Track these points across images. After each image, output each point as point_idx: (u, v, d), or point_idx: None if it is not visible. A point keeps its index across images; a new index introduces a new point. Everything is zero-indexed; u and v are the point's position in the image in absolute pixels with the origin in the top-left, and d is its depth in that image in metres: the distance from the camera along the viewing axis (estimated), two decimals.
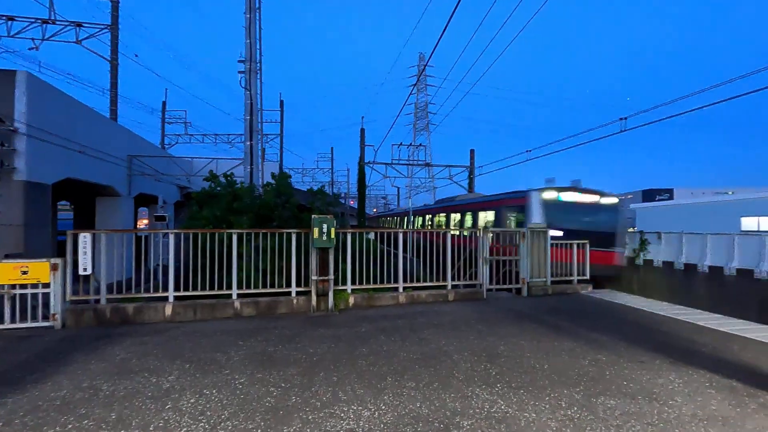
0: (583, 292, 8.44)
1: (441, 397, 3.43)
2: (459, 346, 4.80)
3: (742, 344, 4.94)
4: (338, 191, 58.85)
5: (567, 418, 3.06)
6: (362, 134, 26.72)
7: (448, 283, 7.68)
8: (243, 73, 12.01)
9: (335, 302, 6.73)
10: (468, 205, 18.66)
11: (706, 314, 6.54)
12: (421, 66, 58.63)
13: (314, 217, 6.53)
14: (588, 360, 4.35)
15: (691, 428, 2.93)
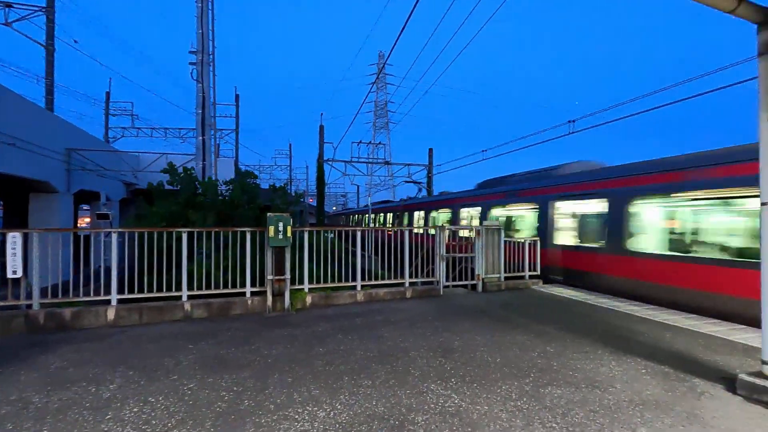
0: (535, 287, 8.80)
1: (397, 394, 3.45)
2: (415, 343, 4.86)
3: (674, 333, 5.34)
4: (297, 189, 57.96)
5: (516, 409, 3.18)
6: (321, 131, 26.41)
7: (406, 281, 7.76)
8: (195, 65, 11.51)
9: (292, 302, 6.61)
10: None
11: (644, 305, 7.01)
12: (380, 64, 58.76)
13: (270, 215, 6.36)
14: (537, 352, 4.53)
15: (628, 413, 3.12)
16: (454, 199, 15.05)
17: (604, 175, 9.05)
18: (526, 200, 11.26)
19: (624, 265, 8.07)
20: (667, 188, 7.39)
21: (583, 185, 9.49)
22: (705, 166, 6.82)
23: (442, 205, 15.91)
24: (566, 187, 9.93)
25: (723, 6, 3.33)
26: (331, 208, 74.38)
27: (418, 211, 19.35)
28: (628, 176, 8.36)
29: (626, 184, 8.33)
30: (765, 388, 3.30)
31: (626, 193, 8.23)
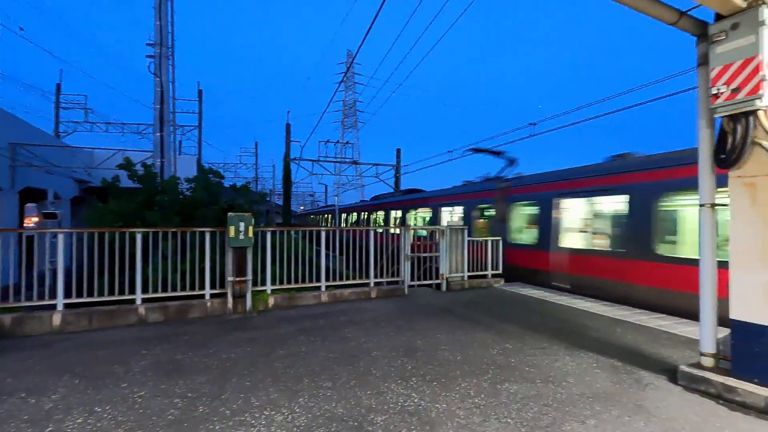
0: (497, 285, 9.02)
1: (357, 394, 3.44)
2: (379, 343, 4.86)
3: (624, 327, 5.61)
4: (264, 188, 56.80)
5: (474, 406, 3.24)
6: (288, 129, 25.98)
7: (371, 281, 7.76)
8: (153, 58, 11.04)
9: (254, 304, 6.46)
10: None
11: (597, 302, 7.33)
12: (349, 63, 58.53)
13: (230, 215, 6.19)
14: (497, 349, 4.65)
15: (579, 405, 3.25)
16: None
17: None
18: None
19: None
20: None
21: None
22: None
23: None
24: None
25: (666, 18, 3.53)
26: (298, 207, 73.40)
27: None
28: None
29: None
30: (702, 378, 3.52)
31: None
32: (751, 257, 3.27)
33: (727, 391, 3.34)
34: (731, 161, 3.35)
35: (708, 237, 3.64)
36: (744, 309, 3.30)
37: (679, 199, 6.89)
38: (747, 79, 3.17)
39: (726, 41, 3.32)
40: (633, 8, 3.52)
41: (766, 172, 3.21)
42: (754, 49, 3.14)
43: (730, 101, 3.28)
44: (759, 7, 3.14)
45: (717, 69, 3.36)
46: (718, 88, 3.34)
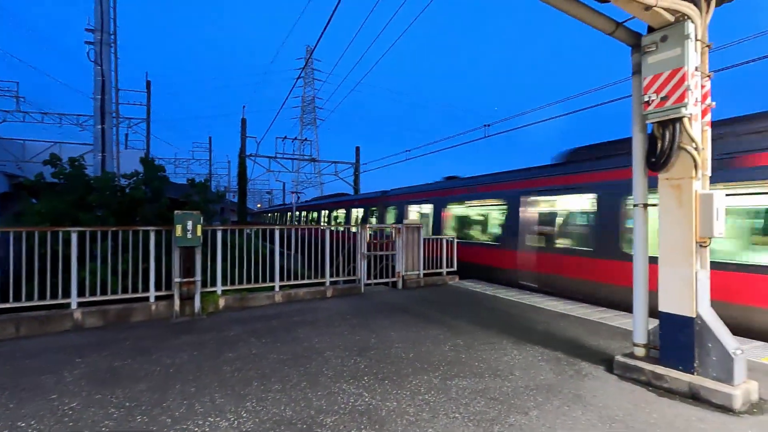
0: (451, 282, 9.21)
1: (307, 396, 3.38)
2: (332, 343, 4.82)
3: (568, 321, 5.90)
4: (218, 184, 54.80)
5: (424, 402, 3.28)
6: (243, 124, 25.19)
7: (327, 280, 7.68)
8: (92, 45, 10.31)
9: (203, 305, 6.21)
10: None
11: (547, 297, 7.66)
12: (307, 59, 57.59)
13: (177, 213, 5.90)
14: (448, 346, 4.74)
15: (524, 398, 3.38)
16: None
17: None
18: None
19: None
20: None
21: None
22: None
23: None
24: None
25: (604, 28, 3.73)
26: (254, 205, 71.49)
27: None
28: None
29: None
30: (635, 367, 3.76)
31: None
32: (676, 254, 3.53)
33: (656, 379, 3.59)
34: (660, 164, 3.60)
35: (641, 235, 3.89)
36: (670, 301, 3.56)
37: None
38: (674, 88, 3.41)
39: (656, 52, 3.55)
40: (575, 17, 3.68)
41: (690, 175, 3.47)
42: (680, 60, 3.39)
43: (659, 108, 3.52)
44: (684, 22, 3.39)
45: (648, 78, 3.59)
46: (649, 96, 3.57)
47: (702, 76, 3.58)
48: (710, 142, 3.65)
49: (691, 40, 3.38)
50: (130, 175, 8.30)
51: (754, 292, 5.29)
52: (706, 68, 3.64)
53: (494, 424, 2.94)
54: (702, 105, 3.57)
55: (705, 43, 3.61)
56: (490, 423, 2.96)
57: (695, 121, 3.50)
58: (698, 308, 3.44)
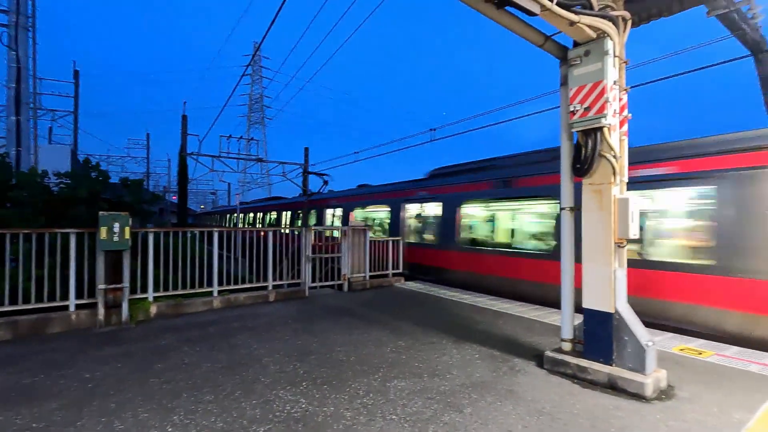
0: (397, 284, 9.30)
1: (241, 406, 3.25)
2: (271, 348, 4.68)
3: (505, 319, 6.15)
4: (157, 184, 51.65)
5: (362, 406, 3.26)
6: (184, 121, 23.91)
7: (269, 283, 7.45)
8: (6, 28, 9.33)
9: (131, 314, 5.79)
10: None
11: (487, 296, 7.94)
12: (255, 56, 55.95)
13: (102, 214, 5.46)
14: (390, 347, 4.76)
15: (460, 395, 3.47)
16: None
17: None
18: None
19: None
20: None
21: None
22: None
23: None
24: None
25: (535, 40, 3.93)
26: (197, 206, 68.23)
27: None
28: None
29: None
30: (563, 361, 3.99)
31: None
32: (597, 253, 3.79)
33: (581, 371, 3.83)
34: (584, 170, 3.85)
35: (567, 236, 4.14)
36: (592, 298, 3.82)
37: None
38: (596, 99, 3.67)
39: (580, 65, 3.80)
40: (509, 29, 3.85)
41: (609, 181, 3.75)
42: (601, 74, 3.65)
43: (583, 118, 3.76)
44: (604, 39, 3.66)
45: (573, 89, 3.84)
46: (574, 107, 3.81)
47: (620, 90, 3.88)
48: (627, 151, 3.95)
49: (610, 56, 3.65)
50: (62, 173, 7.57)
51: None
52: (624, 83, 3.95)
53: (430, 424, 2.99)
54: (620, 116, 3.86)
55: (622, 59, 3.92)
56: (426, 422, 3.00)
57: (614, 131, 3.79)
58: (616, 304, 3.71)
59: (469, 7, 3.53)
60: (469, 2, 3.50)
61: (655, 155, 6.18)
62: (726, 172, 5.36)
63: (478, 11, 3.58)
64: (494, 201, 8.98)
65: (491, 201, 9.05)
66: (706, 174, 5.56)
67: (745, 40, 6.32)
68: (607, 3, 3.78)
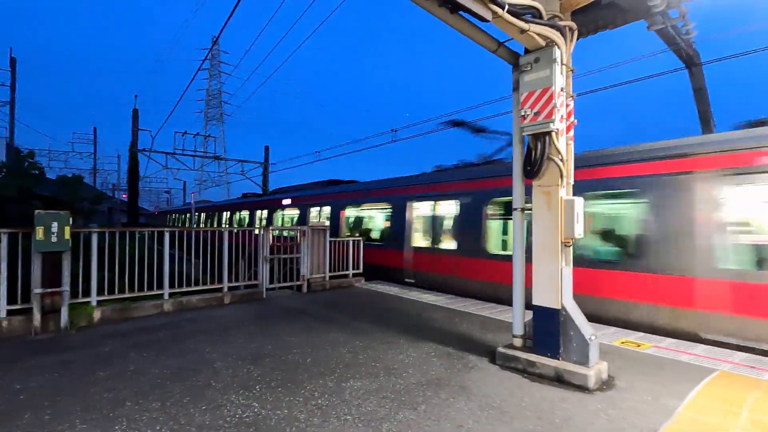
0: (357, 284, 9.28)
1: (189, 412, 3.13)
2: (225, 352, 4.54)
3: (461, 317, 6.30)
4: (105, 181, 48.83)
5: (316, 407, 3.23)
6: (135, 115, 22.73)
7: (225, 285, 7.23)
8: None
9: (72, 319, 5.43)
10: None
11: (443, 295, 8.09)
12: (213, 50, 54.10)
13: (38, 213, 5.09)
14: (347, 348, 4.75)
15: (415, 393, 3.51)
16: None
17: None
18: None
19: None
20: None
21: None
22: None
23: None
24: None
25: (488, 46, 4.05)
26: (151, 205, 65.14)
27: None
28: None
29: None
30: (514, 357, 4.14)
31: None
32: (545, 252, 3.96)
33: (530, 366, 3.98)
34: (534, 173, 4.01)
35: (519, 235, 4.30)
36: (541, 295, 3.99)
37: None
38: (545, 105, 3.83)
39: (531, 72, 3.96)
40: (463, 34, 3.94)
41: (557, 183, 3.92)
42: (549, 80, 3.82)
43: (533, 123, 3.92)
44: (553, 47, 3.83)
45: (524, 95, 3.99)
46: (525, 111, 3.96)
47: (567, 96, 4.08)
48: (573, 155, 4.16)
49: (557, 64, 3.83)
50: None
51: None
52: (570, 90, 4.15)
53: (384, 422, 3.01)
54: (567, 122, 4.06)
55: (569, 67, 4.12)
56: (380, 421, 3.02)
57: (561, 135, 3.97)
58: (563, 300, 3.89)
59: (425, 10, 3.59)
60: (424, 6, 3.56)
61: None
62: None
63: (434, 15, 3.64)
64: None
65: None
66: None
67: (680, 54, 6.82)
68: (555, 13, 3.96)
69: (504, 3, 3.38)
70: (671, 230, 5.62)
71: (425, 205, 9.88)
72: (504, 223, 8.25)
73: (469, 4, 3.31)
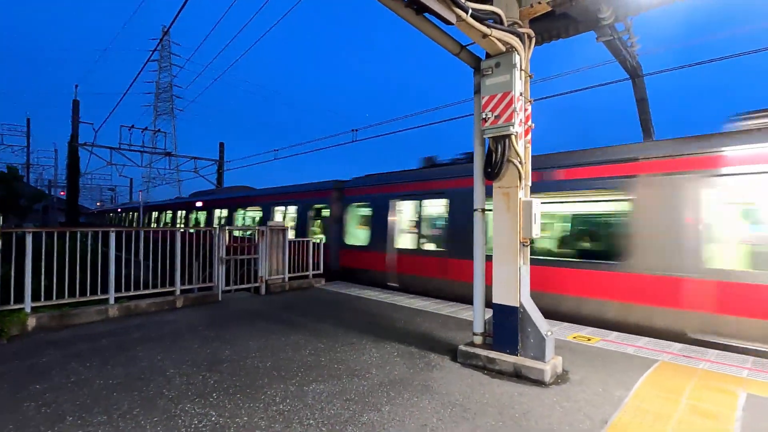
0: (318, 285, 9.15)
1: (140, 424, 2.94)
2: (178, 359, 4.30)
3: (423, 317, 6.36)
4: (40, 177, 45.27)
5: (278, 413, 3.14)
6: (75, 107, 21.19)
7: (177, 288, 6.87)
8: None
9: (3, 327, 4.95)
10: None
11: (403, 295, 8.14)
12: (164, 41, 51.45)
13: None
14: (309, 350, 4.65)
15: (378, 394, 3.50)
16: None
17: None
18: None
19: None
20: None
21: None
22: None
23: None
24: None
25: (451, 49, 4.12)
26: (94, 203, 61.05)
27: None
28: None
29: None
30: (474, 354, 4.22)
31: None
32: (505, 252, 4.08)
33: (490, 363, 4.08)
34: (494, 174, 4.12)
35: (479, 236, 4.40)
36: (500, 294, 4.10)
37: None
38: (504, 108, 3.94)
39: (492, 76, 4.06)
40: (427, 36, 3.97)
41: (516, 184, 4.05)
42: (509, 85, 3.93)
43: (494, 126, 4.02)
44: (513, 52, 3.95)
45: (485, 98, 4.08)
46: (486, 114, 4.05)
47: (525, 101, 4.22)
48: (530, 158, 4.31)
49: (517, 69, 3.95)
50: None
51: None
52: (528, 95, 4.30)
53: (348, 425, 2.97)
54: (525, 126, 4.20)
55: (528, 73, 4.26)
56: (344, 424, 2.97)
57: (520, 138, 4.10)
58: (521, 298, 4.02)
59: (391, 10, 3.59)
60: (390, 6, 3.55)
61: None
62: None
63: (399, 16, 3.64)
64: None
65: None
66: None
67: (625, 66, 7.27)
68: (515, 20, 4.09)
69: (468, 7, 3.45)
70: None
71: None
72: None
73: (435, 6, 3.34)
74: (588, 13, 5.11)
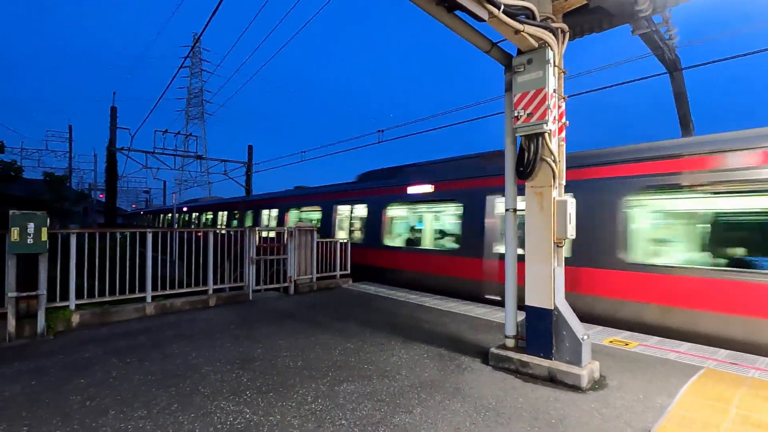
0: (345, 285, 9.19)
1: (178, 420, 3.01)
2: (211, 357, 4.41)
3: (451, 318, 6.28)
4: (81, 181, 47.45)
5: (310, 412, 3.16)
6: (113, 113, 22.09)
7: (210, 287, 7.05)
8: None
9: (49, 324, 5.20)
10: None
11: (433, 296, 8.07)
12: (195, 48, 53.11)
13: (13, 213, 4.86)
14: (338, 350, 4.67)
15: (409, 396, 3.47)
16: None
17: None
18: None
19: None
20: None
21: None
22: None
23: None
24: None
25: (482, 46, 4.05)
26: (129, 205, 63.61)
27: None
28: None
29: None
30: (507, 357, 4.13)
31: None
32: (538, 253, 3.97)
33: (523, 366, 3.98)
34: (527, 174, 4.02)
35: (511, 236, 4.30)
36: (533, 296, 3.99)
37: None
38: (538, 106, 3.84)
39: (524, 73, 3.97)
40: (458, 34, 3.92)
41: (550, 184, 3.94)
42: (543, 82, 3.83)
43: (526, 123, 3.93)
44: (545, 48, 3.84)
45: (518, 96, 3.99)
46: (518, 112, 3.96)
47: (559, 98, 4.10)
48: (565, 156, 4.18)
49: (550, 65, 3.84)
50: None
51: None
52: (562, 91, 4.17)
53: (380, 426, 2.95)
54: (559, 123, 4.08)
55: (561, 69, 4.14)
56: (376, 426, 2.96)
57: (554, 136, 3.99)
58: (555, 301, 3.90)
59: (421, 9, 3.56)
60: (421, 5, 3.52)
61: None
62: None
63: (429, 14, 3.61)
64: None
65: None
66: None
67: (663, 59, 6.97)
68: (548, 15, 3.98)
69: (500, 3, 3.38)
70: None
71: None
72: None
73: (466, 3, 3.29)
74: (624, 5, 4.91)
